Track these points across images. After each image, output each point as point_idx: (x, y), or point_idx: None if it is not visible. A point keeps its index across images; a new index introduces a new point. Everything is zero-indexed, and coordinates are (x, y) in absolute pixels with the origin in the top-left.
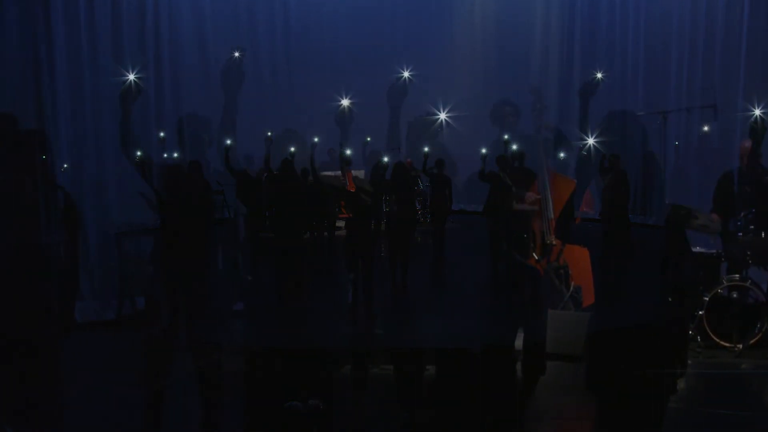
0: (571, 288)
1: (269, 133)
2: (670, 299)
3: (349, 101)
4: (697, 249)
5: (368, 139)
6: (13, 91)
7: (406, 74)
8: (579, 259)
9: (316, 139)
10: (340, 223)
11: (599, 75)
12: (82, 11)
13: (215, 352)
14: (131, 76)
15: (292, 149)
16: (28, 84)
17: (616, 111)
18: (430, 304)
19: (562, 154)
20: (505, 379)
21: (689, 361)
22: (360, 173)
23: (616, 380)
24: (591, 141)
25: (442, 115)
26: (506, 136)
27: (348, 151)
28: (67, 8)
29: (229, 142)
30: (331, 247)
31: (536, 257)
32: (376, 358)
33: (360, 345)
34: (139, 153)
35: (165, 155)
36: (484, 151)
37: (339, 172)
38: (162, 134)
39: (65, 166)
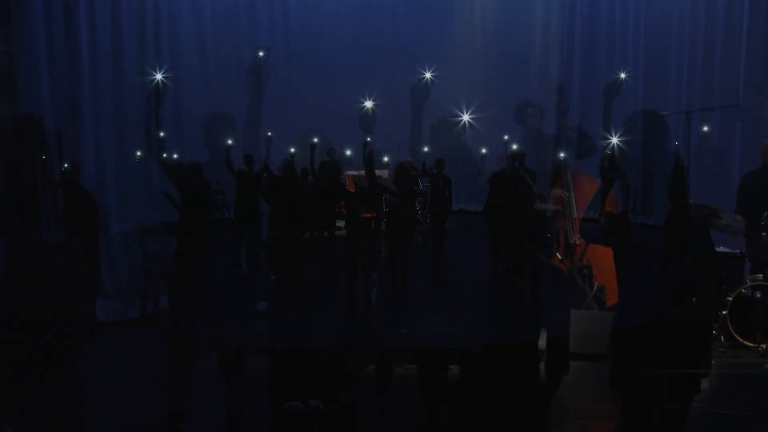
0: (595, 287)
1: (269, 133)
2: (693, 299)
3: (372, 103)
4: (721, 249)
5: (368, 139)
6: (37, 92)
7: (428, 75)
8: (603, 259)
9: (315, 140)
10: (340, 223)
11: (623, 75)
12: (107, 12)
13: (220, 351)
14: (158, 76)
15: (292, 150)
16: (54, 84)
17: (639, 110)
18: (430, 304)
19: (562, 154)
20: (528, 378)
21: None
22: (383, 173)
23: (639, 380)
24: (615, 140)
25: (466, 117)
26: (506, 137)
27: (348, 152)
28: (90, 9)
29: (230, 142)
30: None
31: (560, 257)
32: (400, 358)
33: (384, 344)
34: (164, 154)
35: (172, 155)
36: (483, 151)
37: (363, 172)
38: (162, 134)
39: (65, 165)
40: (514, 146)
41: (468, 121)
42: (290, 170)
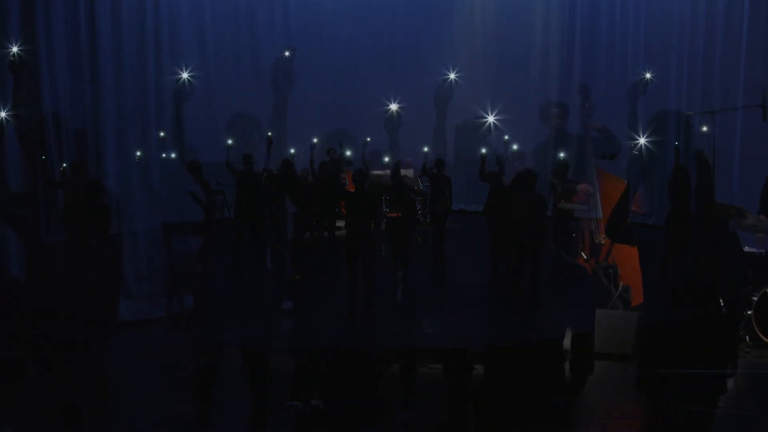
0: (620, 287)
1: (269, 134)
2: (721, 301)
3: (397, 105)
4: (746, 248)
5: (368, 139)
6: (61, 91)
7: (452, 76)
8: (628, 259)
9: (315, 140)
10: (340, 223)
11: (648, 75)
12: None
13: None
14: (184, 75)
15: (292, 150)
16: (77, 84)
17: (664, 110)
18: (430, 304)
19: (561, 154)
20: (553, 378)
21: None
22: (409, 172)
23: (665, 380)
24: (642, 141)
25: (491, 118)
26: (506, 137)
27: (348, 152)
28: (114, 8)
29: (230, 141)
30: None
31: (585, 256)
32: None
33: (409, 345)
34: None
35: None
36: (483, 151)
37: (387, 171)
38: (162, 134)
39: (64, 165)
40: (515, 146)
41: (492, 122)
42: (290, 170)
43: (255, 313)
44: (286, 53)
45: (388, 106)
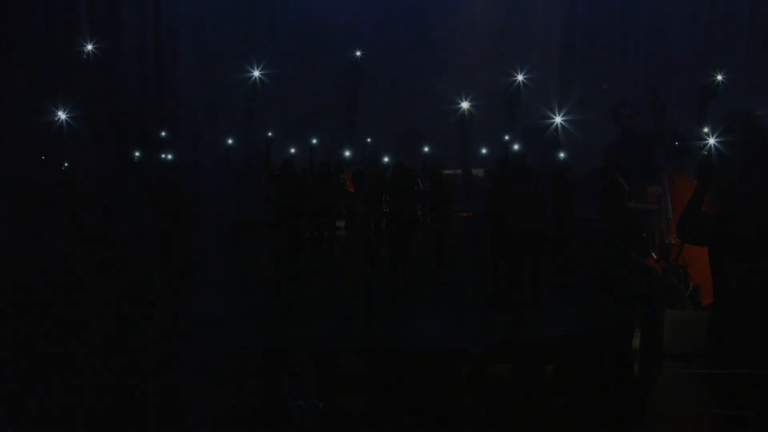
0: (690, 287)
1: (269, 134)
2: None
3: (469, 103)
4: None
5: (368, 140)
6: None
7: (520, 77)
8: (698, 259)
9: (314, 141)
10: (340, 224)
11: (719, 77)
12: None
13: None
14: (256, 73)
15: (293, 150)
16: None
17: (735, 110)
18: (430, 304)
19: (562, 154)
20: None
21: None
22: (479, 172)
23: (736, 382)
24: (712, 141)
25: (558, 119)
26: (506, 137)
27: (347, 152)
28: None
29: (230, 141)
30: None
31: (655, 256)
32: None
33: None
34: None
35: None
36: (484, 151)
37: (459, 171)
38: (163, 133)
39: (65, 164)
40: (516, 146)
41: (560, 123)
42: (290, 171)
43: (255, 312)
44: (358, 53)
45: (459, 105)
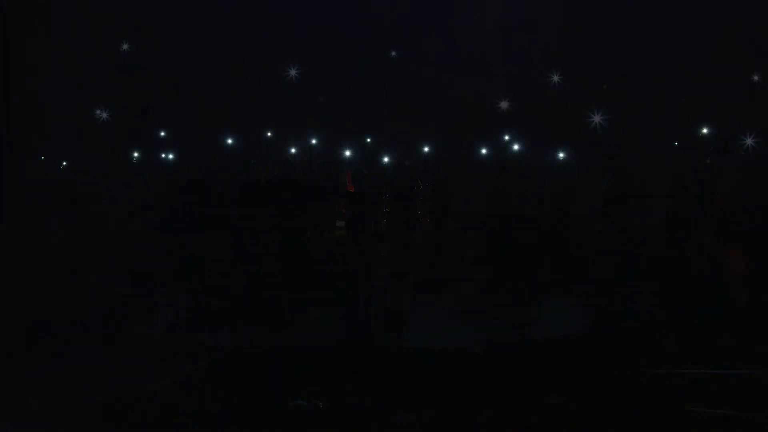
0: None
1: (269, 134)
2: None
3: (507, 103)
4: None
5: (368, 140)
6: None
7: (555, 78)
8: (739, 260)
9: (314, 141)
10: (340, 224)
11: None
12: None
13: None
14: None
15: (293, 150)
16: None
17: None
18: (430, 304)
19: (561, 154)
20: None
21: None
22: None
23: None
24: (749, 141)
25: (596, 118)
26: (507, 137)
27: (347, 152)
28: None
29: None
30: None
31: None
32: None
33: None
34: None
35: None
36: (483, 151)
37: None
38: (162, 133)
39: (64, 163)
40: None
41: (599, 123)
42: (290, 171)
43: (255, 312)
44: (393, 53)
45: (499, 104)
